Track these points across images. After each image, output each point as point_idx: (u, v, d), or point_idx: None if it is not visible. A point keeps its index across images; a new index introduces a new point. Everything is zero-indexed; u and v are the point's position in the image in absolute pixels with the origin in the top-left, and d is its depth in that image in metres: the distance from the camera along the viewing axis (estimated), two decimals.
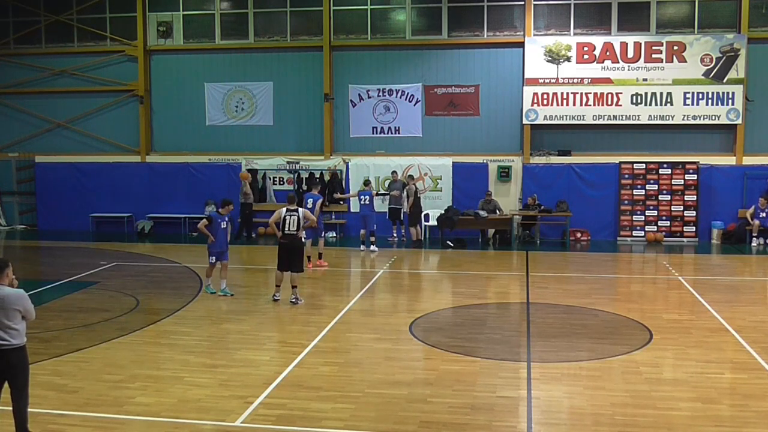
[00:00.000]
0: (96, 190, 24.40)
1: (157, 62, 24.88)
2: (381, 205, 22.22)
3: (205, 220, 15.13)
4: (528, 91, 22.46)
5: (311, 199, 17.85)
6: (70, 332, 12.57)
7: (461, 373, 10.39)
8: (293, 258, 14.58)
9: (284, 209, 14.68)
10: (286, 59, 24.15)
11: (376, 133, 23.73)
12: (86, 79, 25.05)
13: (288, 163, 23.78)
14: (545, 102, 22.40)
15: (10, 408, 8.02)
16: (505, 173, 22.77)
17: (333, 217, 23.47)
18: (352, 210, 23.12)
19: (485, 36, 22.99)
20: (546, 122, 22.52)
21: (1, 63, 25.47)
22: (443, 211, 22.08)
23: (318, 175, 23.37)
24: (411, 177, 22.41)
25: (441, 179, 23.03)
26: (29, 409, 8.13)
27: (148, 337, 12.57)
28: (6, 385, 8.08)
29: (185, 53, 24.65)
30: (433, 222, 22.43)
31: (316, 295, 15.72)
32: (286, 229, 14.57)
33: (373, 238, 20.57)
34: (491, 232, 22.41)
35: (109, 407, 9.19)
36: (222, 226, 15.19)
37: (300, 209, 14.84)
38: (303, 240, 15.74)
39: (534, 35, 22.51)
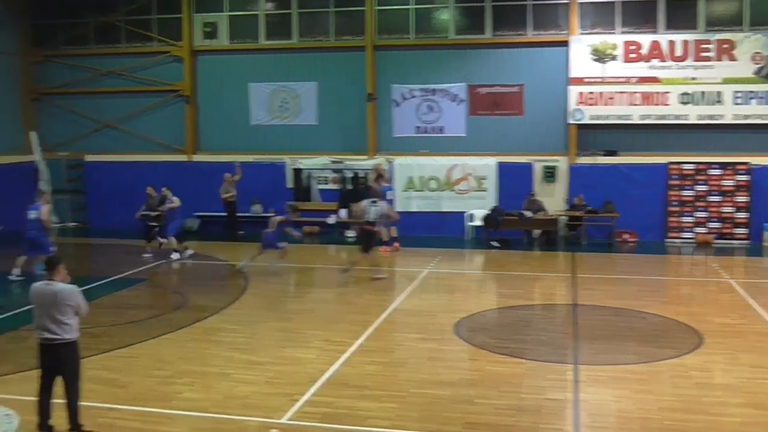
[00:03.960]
0: (143, 189, 24.63)
1: (203, 62, 25.12)
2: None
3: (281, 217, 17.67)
4: (573, 91, 22.23)
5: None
6: (119, 328, 12.76)
7: (507, 375, 10.33)
8: (369, 242, 16.87)
9: (368, 201, 17.22)
10: (330, 59, 24.22)
11: (420, 132, 23.68)
12: (133, 79, 25.38)
13: (332, 162, 23.85)
14: (591, 101, 22.15)
15: (64, 401, 8.17)
16: (550, 173, 22.58)
17: None
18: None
19: (529, 35, 22.81)
20: (592, 122, 22.27)
21: (51, 64, 25.92)
22: (488, 212, 21.96)
23: (362, 176, 23.43)
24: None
25: (485, 179, 22.90)
26: (81, 403, 8.28)
27: (195, 333, 12.70)
28: (59, 379, 8.25)
29: (230, 53, 24.85)
30: (477, 222, 22.34)
31: (360, 294, 15.75)
32: (368, 217, 16.81)
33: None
34: (537, 232, 22.25)
35: (157, 402, 9.31)
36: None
37: (381, 202, 17.17)
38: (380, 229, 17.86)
39: (579, 34, 22.27)
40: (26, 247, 16.53)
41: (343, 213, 23.31)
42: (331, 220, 23.29)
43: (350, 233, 22.84)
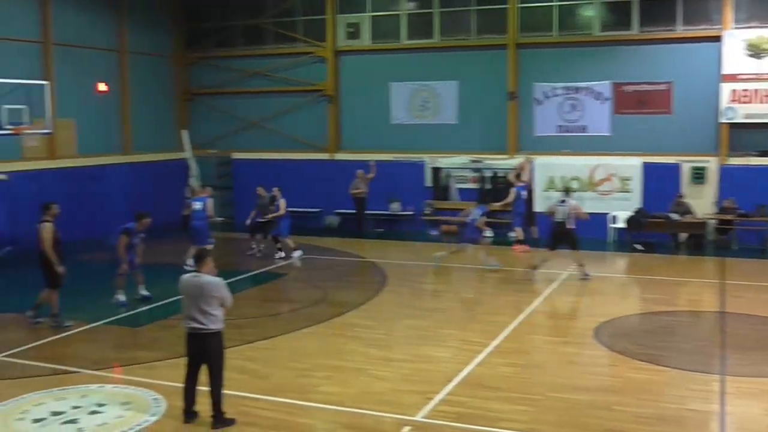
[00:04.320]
0: (287, 186, 25.31)
1: (345, 63, 25.59)
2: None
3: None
4: (725, 88, 21.19)
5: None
6: (261, 320, 13.20)
7: (648, 382, 10.00)
8: (564, 240, 16.76)
9: (556, 200, 17.30)
10: (471, 58, 24.13)
11: (562, 131, 23.22)
12: (279, 79, 26.16)
13: (472, 161, 23.76)
14: (745, 99, 21.06)
15: (208, 389, 8.53)
16: (699, 174, 21.63)
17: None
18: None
19: (679, 30, 21.92)
20: (745, 121, 21.18)
21: (202, 66, 27.10)
22: (632, 213, 21.30)
23: (502, 175, 23.23)
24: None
25: (630, 180, 22.20)
26: (224, 391, 8.62)
27: (334, 328, 12.97)
28: (204, 367, 8.62)
29: (372, 53, 25.19)
30: (621, 224, 21.70)
31: (497, 294, 15.65)
32: (557, 217, 16.72)
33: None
34: (683, 236, 21.38)
35: (295, 394, 9.57)
36: None
37: (570, 201, 16.91)
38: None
39: (733, 28, 21.20)
40: (192, 237, 17.35)
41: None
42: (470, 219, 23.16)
43: (488, 233, 22.67)
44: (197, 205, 17.69)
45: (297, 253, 19.21)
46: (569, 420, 8.69)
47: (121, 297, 14.30)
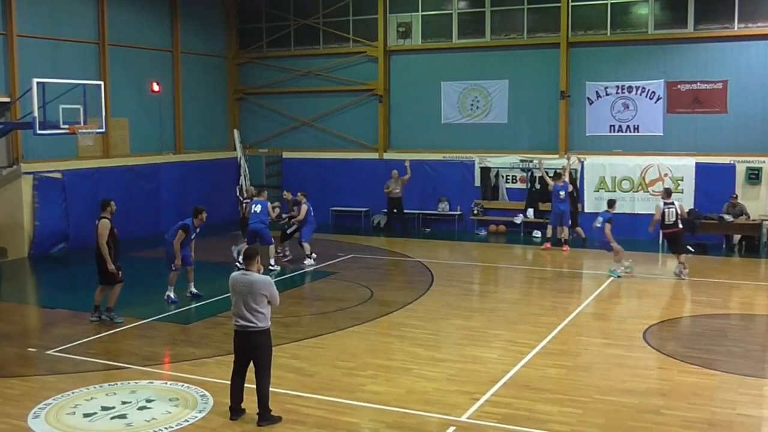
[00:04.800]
0: (336, 185, 25.56)
1: (396, 62, 25.62)
2: None
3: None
4: None
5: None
6: (308, 319, 13.30)
7: (698, 386, 9.84)
8: (676, 243, 16.86)
9: (662, 203, 16.87)
10: (522, 57, 23.98)
11: (614, 131, 22.93)
12: (330, 79, 26.31)
13: (521, 161, 23.61)
14: None
15: (255, 386, 8.63)
16: (754, 175, 21.17)
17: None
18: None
19: (736, 28, 21.50)
20: None
21: (254, 65, 27.39)
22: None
23: (551, 174, 23.04)
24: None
25: (682, 180, 21.82)
26: (270, 389, 8.70)
27: (380, 327, 13.01)
28: (252, 365, 8.71)
29: (423, 53, 25.18)
30: None
31: (544, 295, 15.54)
32: (666, 220, 16.61)
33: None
34: (737, 238, 20.95)
35: (341, 392, 9.62)
36: None
37: (677, 202, 16.93)
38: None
39: None
40: (250, 239, 17.35)
41: (530, 213, 23.04)
42: (518, 219, 23.05)
43: (537, 233, 22.54)
44: (256, 207, 17.74)
45: (308, 261, 18.47)
46: (617, 423, 8.60)
47: (172, 294, 14.52)
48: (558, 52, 23.14)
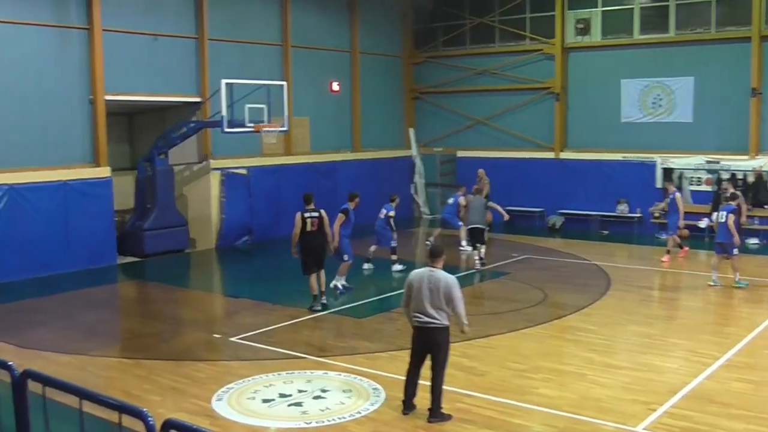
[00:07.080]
0: (509, 184, 25.27)
1: (574, 59, 25.03)
2: None
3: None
4: None
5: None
6: (480, 318, 13.22)
7: None
8: None
9: None
10: (709, 52, 22.74)
11: None
12: (505, 77, 26.08)
13: (707, 162, 22.42)
14: None
15: (428, 383, 8.68)
16: None
17: (756, 222, 21.62)
18: None
19: None
20: None
21: (430, 64, 27.60)
22: None
23: (741, 177, 21.74)
24: None
25: None
26: (444, 386, 8.72)
27: (554, 330, 12.76)
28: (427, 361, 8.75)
29: (601, 49, 24.45)
30: None
31: (732, 306, 14.68)
32: None
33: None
34: None
35: (512, 394, 9.50)
36: None
37: None
38: None
39: None
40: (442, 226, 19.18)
41: (715, 216, 21.79)
42: (703, 223, 21.87)
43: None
44: (450, 200, 20.36)
45: (367, 265, 17.78)
46: None
47: (340, 284, 15.06)
48: (749, 47, 21.79)
